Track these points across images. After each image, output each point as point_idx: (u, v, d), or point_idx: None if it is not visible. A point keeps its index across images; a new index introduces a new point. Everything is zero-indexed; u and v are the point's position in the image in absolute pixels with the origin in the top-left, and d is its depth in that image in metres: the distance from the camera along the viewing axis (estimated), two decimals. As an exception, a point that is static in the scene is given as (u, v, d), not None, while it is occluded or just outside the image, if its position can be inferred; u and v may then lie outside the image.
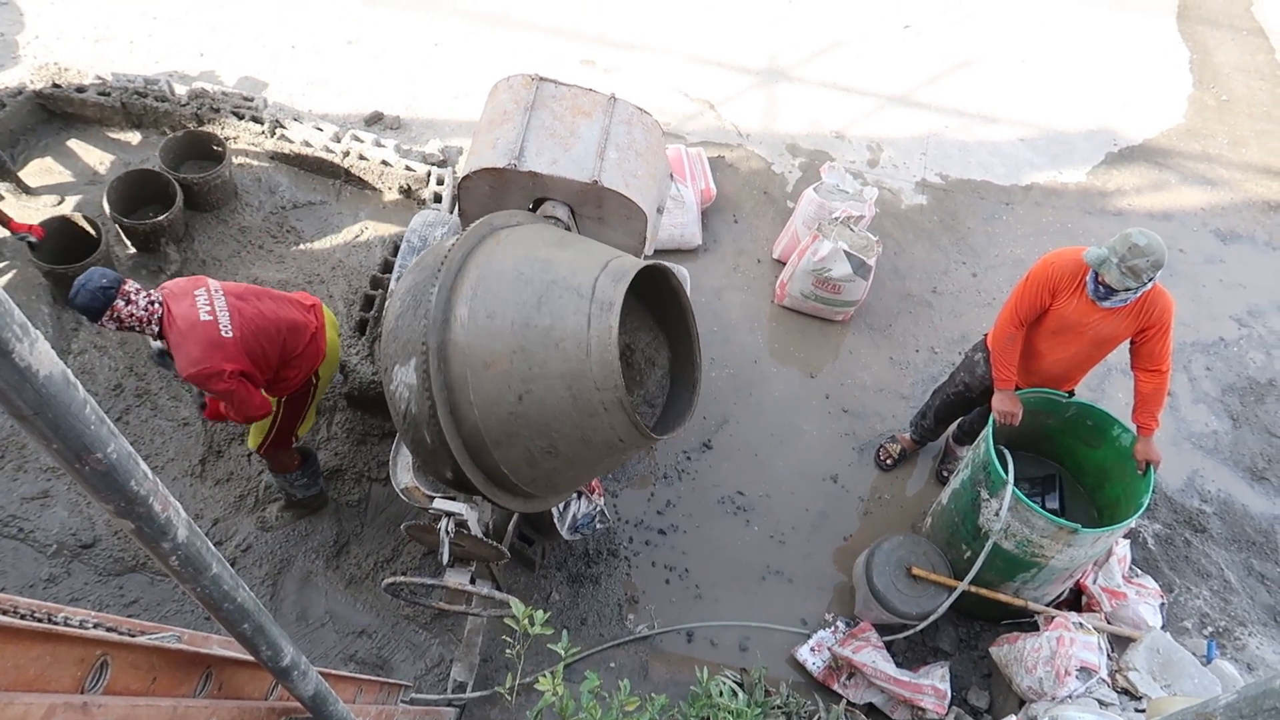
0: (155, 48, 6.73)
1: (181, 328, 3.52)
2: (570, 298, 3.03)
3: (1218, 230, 6.82)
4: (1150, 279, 3.71)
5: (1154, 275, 3.70)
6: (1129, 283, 3.69)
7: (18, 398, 0.84)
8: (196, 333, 3.52)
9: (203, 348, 3.51)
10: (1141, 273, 3.66)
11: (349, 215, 5.88)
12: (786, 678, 4.47)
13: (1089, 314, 3.97)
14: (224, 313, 3.62)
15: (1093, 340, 4.08)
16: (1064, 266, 3.97)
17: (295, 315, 3.89)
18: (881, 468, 5.25)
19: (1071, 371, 4.31)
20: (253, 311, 3.72)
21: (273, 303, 3.85)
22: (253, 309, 3.73)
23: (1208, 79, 8.06)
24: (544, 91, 4.01)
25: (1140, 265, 3.64)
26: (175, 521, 1.14)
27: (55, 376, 0.86)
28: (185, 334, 3.51)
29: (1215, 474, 5.47)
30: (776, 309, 5.90)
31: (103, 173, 5.76)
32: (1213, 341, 6.12)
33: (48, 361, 0.85)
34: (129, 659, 1.48)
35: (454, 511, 3.46)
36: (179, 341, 3.52)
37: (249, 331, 3.65)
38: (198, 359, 3.50)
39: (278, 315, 3.81)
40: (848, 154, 6.90)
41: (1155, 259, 3.63)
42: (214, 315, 3.59)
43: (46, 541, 4.39)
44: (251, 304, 3.75)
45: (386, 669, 4.31)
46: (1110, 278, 3.71)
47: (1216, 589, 4.94)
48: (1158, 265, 3.65)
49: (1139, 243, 3.62)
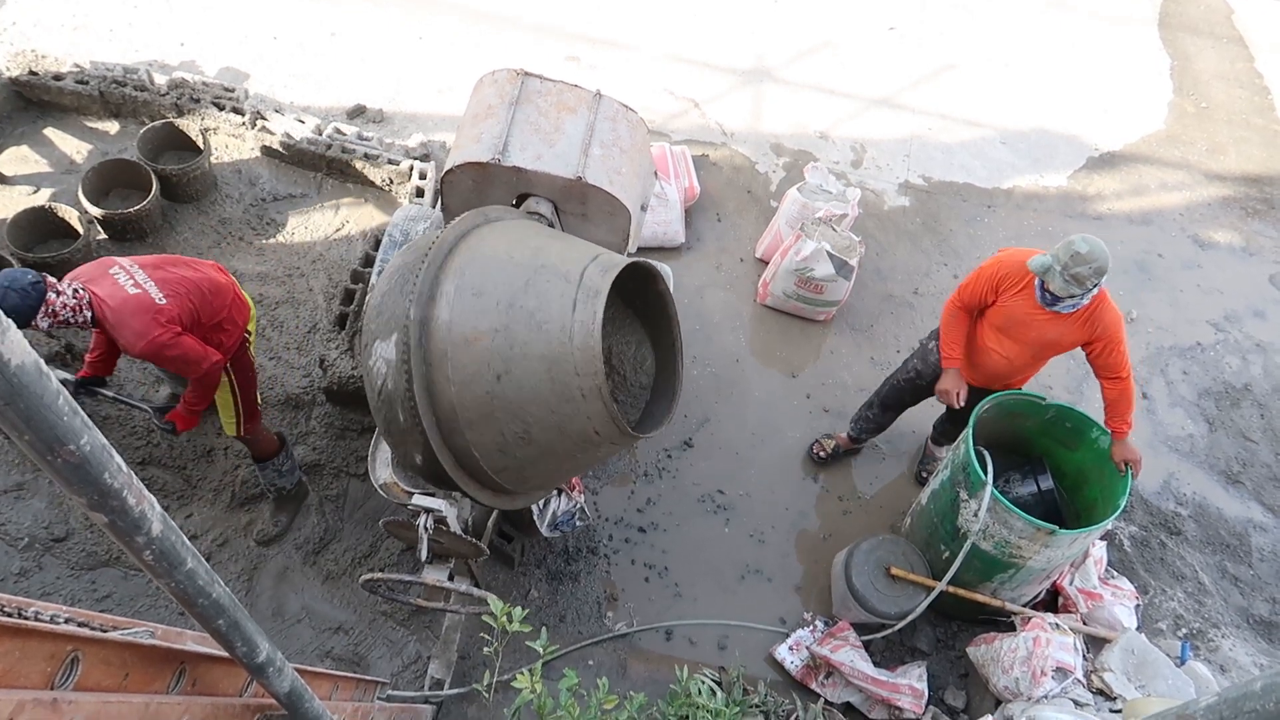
0: (135, 36, 6.65)
1: (115, 306, 3.47)
2: (558, 283, 3.03)
3: (1196, 236, 6.89)
4: (1095, 285, 3.72)
5: (1098, 282, 3.71)
6: (1073, 290, 3.71)
7: (-12, 387, 0.82)
8: (131, 306, 3.48)
9: (144, 319, 3.48)
10: (1085, 279, 3.66)
11: (330, 208, 5.83)
12: (765, 676, 4.48)
13: (1034, 314, 3.98)
14: (149, 284, 3.60)
15: (1037, 341, 4.08)
16: (1013, 266, 3.99)
17: (213, 275, 3.89)
18: (814, 459, 5.22)
19: (1016, 370, 4.31)
20: (175, 277, 3.70)
21: (189, 268, 3.84)
22: (174, 275, 3.72)
23: (1188, 86, 8.14)
24: (529, 87, 3.99)
25: (1083, 273, 3.64)
26: (149, 515, 1.12)
27: (27, 366, 0.84)
28: (120, 310, 3.47)
29: (1191, 477, 5.52)
30: (759, 308, 5.90)
31: (80, 162, 5.69)
32: (1190, 346, 6.18)
33: (20, 350, 0.83)
34: (100, 655, 1.45)
35: (433, 508, 3.44)
36: (118, 321, 3.47)
37: (180, 294, 3.64)
38: (143, 330, 3.47)
39: (199, 277, 3.80)
40: (831, 154, 6.92)
41: (1098, 266, 3.63)
42: (141, 288, 3.56)
43: (18, 535, 4.32)
44: (170, 271, 3.73)
45: (363, 666, 4.28)
46: (1054, 285, 3.72)
47: (1191, 591, 4.99)
48: (1101, 272, 3.65)
49: (1081, 250, 3.62)
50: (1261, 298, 6.57)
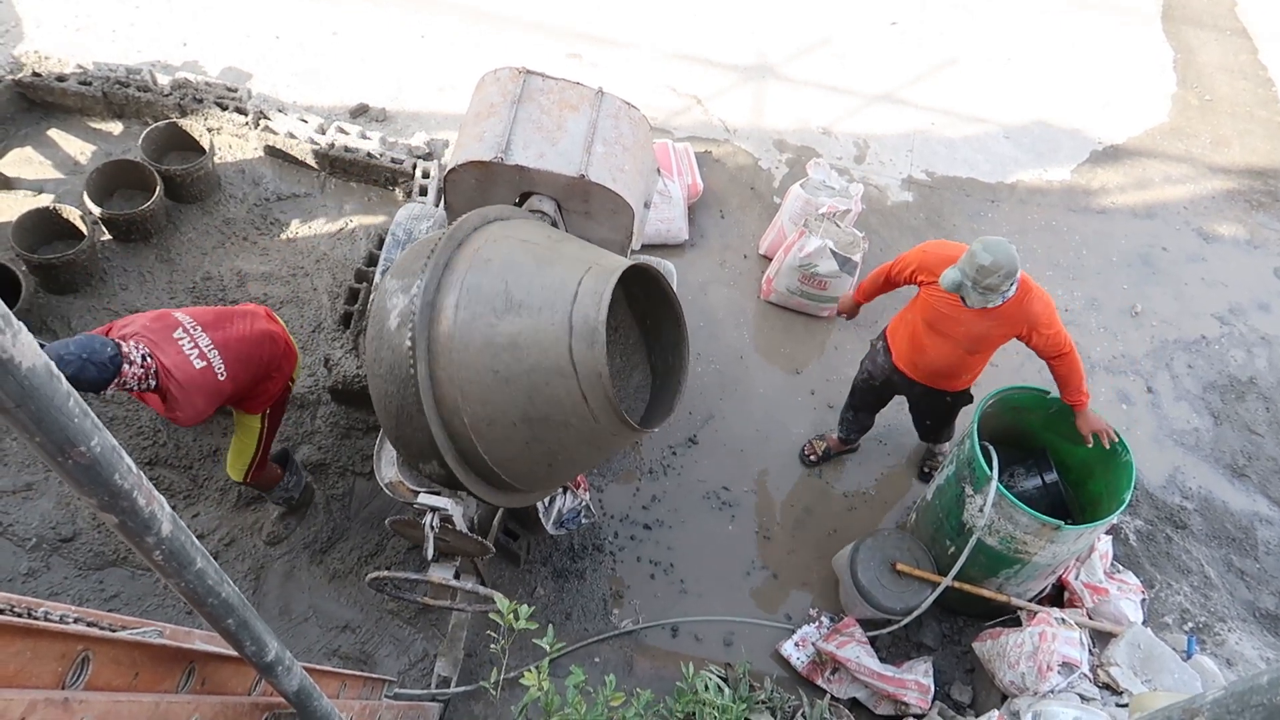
0: (137, 37, 6.66)
1: (181, 380, 3.36)
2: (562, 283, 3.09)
3: (1200, 229, 6.88)
4: (1011, 286, 3.71)
5: (1012, 285, 3.70)
6: (991, 299, 3.73)
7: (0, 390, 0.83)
8: (197, 383, 3.40)
9: (206, 397, 3.44)
10: (997, 288, 3.65)
11: (333, 207, 5.84)
12: (771, 673, 4.48)
13: (960, 311, 3.96)
14: (213, 352, 3.49)
15: (967, 338, 4.07)
16: (936, 261, 3.97)
17: (265, 326, 3.81)
18: (805, 463, 5.20)
19: (954, 369, 4.30)
20: (235, 339, 3.62)
21: (243, 321, 3.73)
22: (234, 336, 3.62)
23: (1191, 79, 8.12)
24: (531, 85, 3.99)
25: (993, 283, 3.62)
26: (159, 516, 1.13)
27: (38, 368, 0.85)
28: (186, 386, 3.37)
29: (1196, 471, 5.51)
30: (762, 304, 5.90)
31: (84, 163, 5.70)
32: (1194, 339, 6.17)
33: (30, 353, 0.84)
34: (110, 654, 1.46)
35: (439, 506, 3.45)
36: (182, 396, 3.37)
37: (239, 365, 3.58)
38: (203, 409, 3.45)
39: (254, 331, 3.72)
40: (834, 150, 6.91)
41: (1005, 271, 3.59)
42: (207, 360, 3.46)
43: (26, 535, 4.34)
44: (228, 331, 3.63)
45: (370, 664, 4.29)
46: (972, 300, 3.74)
47: (1197, 585, 4.99)
48: (1010, 275, 3.62)
49: (984, 262, 3.58)
50: (1266, 290, 6.55)
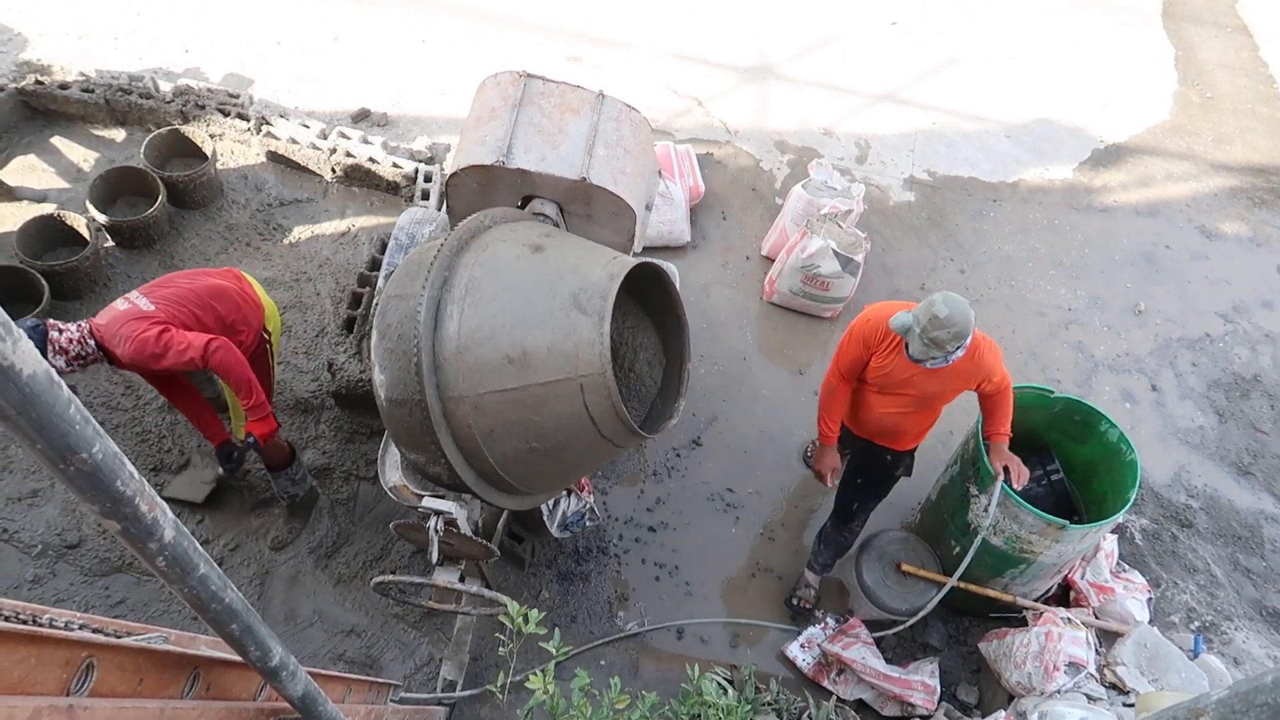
0: (139, 44, 6.67)
1: (109, 325, 3.57)
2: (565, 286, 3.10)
3: (1203, 227, 6.86)
4: (955, 350, 3.50)
5: (958, 347, 3.49)
6: (932, 353, 3.49)
7: (1, 397, 0.83)
8: (118, 318, 3.58)
9: (127, 325, 3.55)
10: (943, 344, 3.43)
11: (336, 212, 5.85)
12: (777, 674, 4.47)
13: (910, 371, 3.74)
14: (140, 298, 3.70)
15: (919, 397, 3.88)
16: (881, 323, 3.75)
17: (212, 281, 3.95)
18: (807, 464, 4.98)
19: (903, 425, 4.06)
20: (169, 291, 3.79)
21: (185, 278, 3.92)
22: (169, 290, 3.80)
23: (1192, 76, 8.11)
24: (532, 88, 3.99)
25: (941, 337, 3.40)
26: (162, 522, 1.13)
27: (39, 376, 0.85)
28: (111, 325, 3.56)
29: (1201, 469, 5.50)
30: (765, 306, 5.90)
31: (87, 170, 5.72)
32: (1198, 337, 6.16)
33: (31, 360, 0.84)
34: (115, 660, 1.46)
35: (443, 510, 3.45)
36: (111, 336, 3.55)
37: (168, 302, 3.71)
38: (127, 335, 3.53)
39: (195, 284, 3.87)
40: (836, 151, 6.91)
41: (957, 330, 3.38)
42: (131, 302, 3.67)
43: (31, 542, 4.35)
44: (165, 286, 3.82)
45: (375, 668, 4.29)
46: (914, 348, 3.52)
47: (1203, 584, 4.97)
48: (960, 337, 3.41)
49: (940, 314, 3.36)
50: (1270, 288, 6.54)
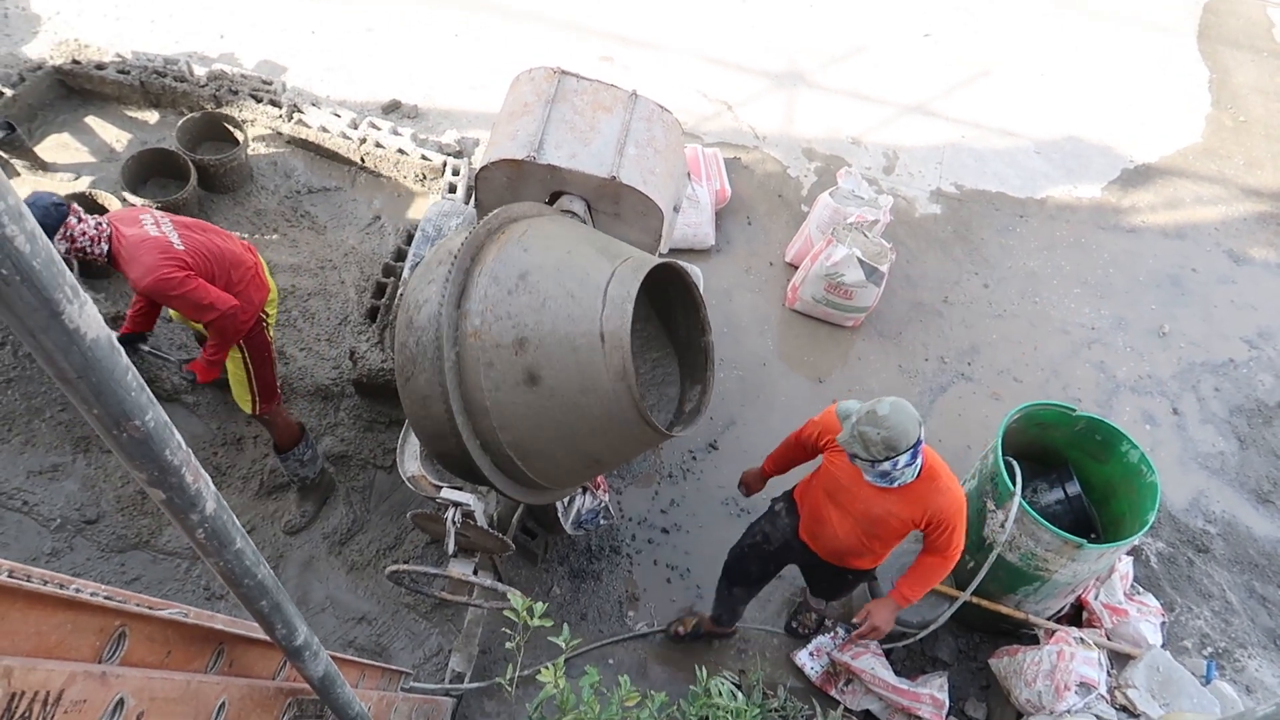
0: (175, 28, 6.73)
1: (132, 241, 3.54)
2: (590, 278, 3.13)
3: (1231, 251, 6.81)
4: (883, 458, 3.12)
5: (886, 455, 3.11)
6: (854, 447, 3.16)
7: (64, 360, 0.84)
8: (147, 244, 3.56)
9: (155, 256, 3.53)
10: (870, 443, 3.10)
11: (363, 202, 5.88)
12: (785, 681, 4.47)
13: (858, 482, 3.44)
14: (172, 233, 3.68)
15: (865, 516, 3.51)
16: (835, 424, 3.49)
17: (237, 248, 3.96)
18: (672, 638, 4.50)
19: (853, 548, 3.68)
20: (200, 239, 3.78)
21: (216, 235, 3.92)
22: (200, 237, 3.79)
23: (1226, 99, 8.05)
24: (565, 85, 4.00)
25: (869, 434, 3.09)
26: (205, 494, 1.14)
27: (101, 340, 0.86)
28: (136, 246, 3.54)
29: (1220, 495, 5.46)
30: (787, 312, 5.90)
31: (119, 150, 5.77)
32: (1222, 362, 6.11)
33: (95, 325, 0.85)
34: (145, 631, 1.48)
35: (461, 501, 3.46)
36: (130, 255, 3.53)
37: (198, 251, 3.70)
38: (152, 266, 3.52)
39: (222, 246, 3.87)
40: (864, 160, 6.90)
41: (888, 436, 3.08)
42: (163, 233, 3.64)
43: (51, 516, 4.38)
44: (197, 233, 3.81)
45: (385, 656, 4.30)
46: (842, 435, 3.23)
47: (1218, 610, 4.93)
48: (890, 446, 3.09)
49: (879, 411, 3.11)
50: (1297, 315, 6.49)
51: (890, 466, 3.17)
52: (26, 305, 0.79)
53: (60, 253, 3.40)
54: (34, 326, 0.81)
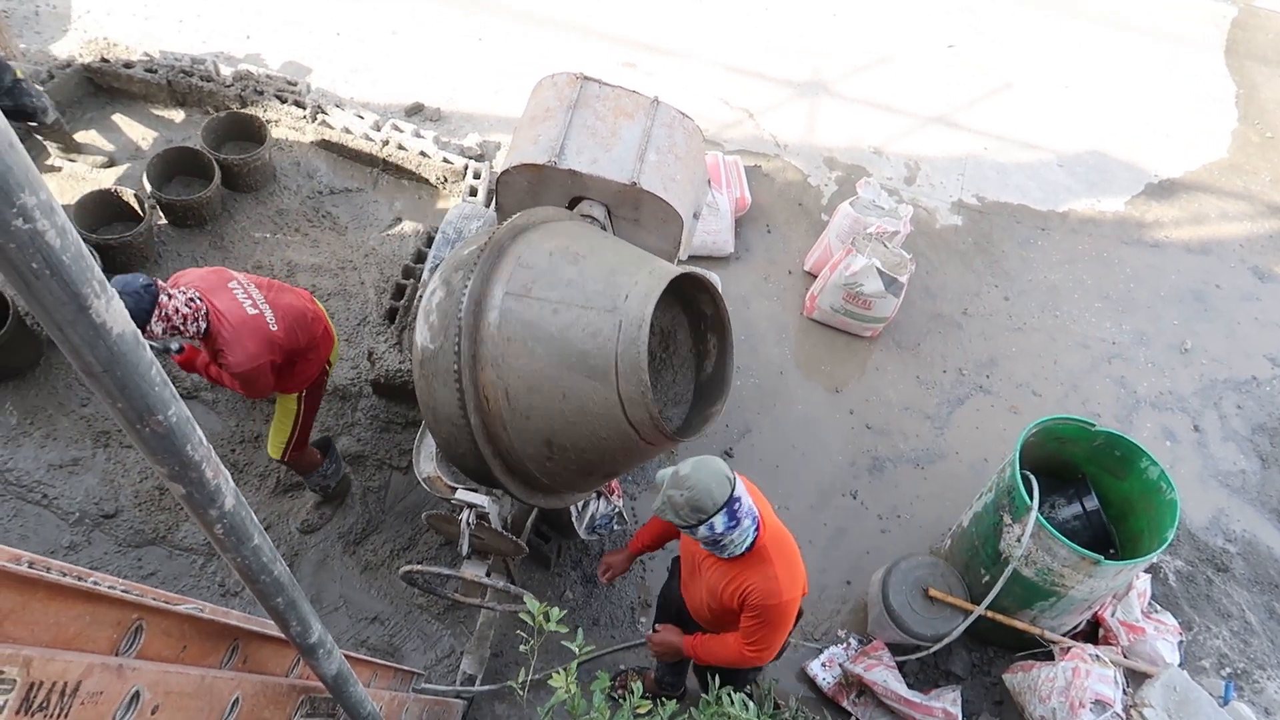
0: (203, 28, 6.80)
1: (233, 323, 3.42)
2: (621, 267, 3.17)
3: (1256, 268, 6.75)
4: (693, 521, 2.84)
5: (696, 519, 2.83)
6: (668, 514, 2.88)
7: (90, 354, 0.85)
8: (249, 328, 3.45)
9: (258, 343, 3.46)
10: (677, 507, 2.84)
11: (385, 204, 5.92)
12: (796, 691, 4.45)
13: (697, 551, 3.27)
14: (265, 306, 3.56)
15: (710, 590, 3.24)
16: None
17: (308, 305, 3.88)
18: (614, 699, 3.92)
19: (710, 623, 3.43)
20: (284, 303, 3.69)
21: (292, 294, 3.81)
22: (283, 301, 3.69)
23: (1253, 115, 7.98)
24: (588, 91, 4.02)
25: (675, 498, 2.84)
26: (224, 490, 1.15)
27: (127, 335, 0.87)
28: (239, 329, 3.42)
29: (1241, 514, 5.39)
30: (805, 321, 5.88)
31: (145, 148, 5.83)
32: (1245, 380, 6.05)
33: (121, 320, 0.86)
34: (162, 625, 1.49)
35: (476, 503, 3.47)
36: (233, 338, 3.41)
37: (287, 324, 3.63)
38: (255, 354, 3.45)
39: (299, 306, 3.78)
40: (885, 170, 6.88)
41: (690, 496, 2.81)
42: (259, 309, 3.53)
43: (69, 509, 4.42)
44: (278, 295, 3.71)
45: (397, 657, 4.31)
46: (656, 503, 2.94)
47: (1237, 630, 4.88)
48: (694, 506, 2.81)
49: (681, 471, 2.86)
50: (1322, 334, 6.42)
51: (709, 531, 2.87)
52: (55, 299, 0.80)
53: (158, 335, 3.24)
54: (62, 320, 0.82)
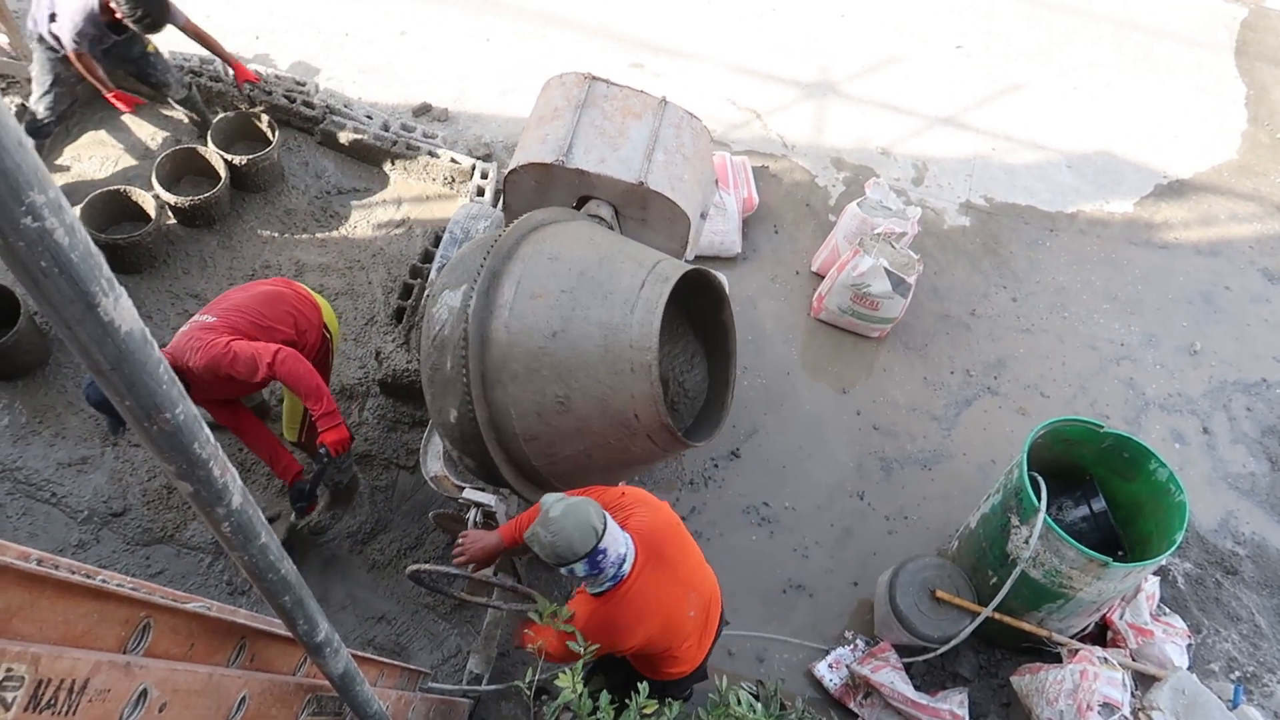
0: (212, 28, 6.74)
1: (175, 344, 3.64)
2: (630, 265, 3.17)
3: (1266, 269, 6.71)
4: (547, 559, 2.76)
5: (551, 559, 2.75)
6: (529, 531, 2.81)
7: (99, 352, 0.85)
8: (184, 335, 3.64)
9: (196, 338, 3.59)
10: (541, 544, 2.74)
11: (392, 204, 5.93)
12: (803, 693, 4.44)
13: None
14: (200, 316, 3.77)
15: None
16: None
17: (263, 287, 4.01)
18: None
19: None
20: (226, 304, 3.84)
21: (239, 291, 3.98)
22: (225, 303, 3.86)
23: (1264, 116, 7.94)
24: (596, 91, 4.02)
25: (540, 534, 2.74)
26: (231, 488, 1.15)
27: (135, 333, 0.87)
28: (179, 343, 3.62)
29: (1251, 516, 5.37)
30: (812, 322, 5.87)
31: (154, 148, 5.85)
32: (1254, 382, 6.02)
33: (129, 318, 0.86)
34: (170, 623, 1.49)
35: (483, 502, 3.47)
36: (180, 352, 3.58)
37: (227, 311, 3.76)
38: (196, 345, 3.56)
39: (248, 293, 3.93)
40: (893, 171, 6.86)
41: (553, 542, 2.70)
42: (192, 322, 3.75)
43: (78, 508, 4.44)
44: (222, 301, 3.89)
45: (403, 656, 4.32)
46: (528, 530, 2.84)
47: (1246, 633, 4.85)
48: (555, 550, 2.71)
49: (553, 513, 2.74)
50: (1332, 336, 6.38)
51: (569, 573, 2.80)
52: (64, 297, 0.80)
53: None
54: (70, 318, 0.82)
